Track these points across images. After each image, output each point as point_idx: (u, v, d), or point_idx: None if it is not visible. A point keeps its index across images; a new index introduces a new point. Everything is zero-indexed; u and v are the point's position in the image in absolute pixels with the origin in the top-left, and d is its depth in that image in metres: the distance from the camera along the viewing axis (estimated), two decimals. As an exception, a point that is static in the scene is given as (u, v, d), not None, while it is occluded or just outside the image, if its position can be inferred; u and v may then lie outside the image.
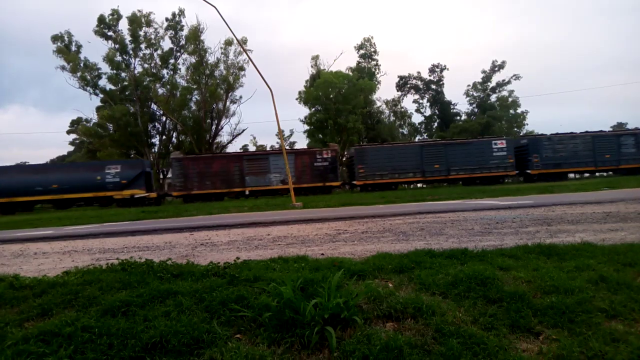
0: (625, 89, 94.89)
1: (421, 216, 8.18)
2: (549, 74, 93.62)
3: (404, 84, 52.13)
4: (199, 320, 2.60)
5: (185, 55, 40.00)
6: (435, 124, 52.24)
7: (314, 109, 40.04)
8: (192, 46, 38.47)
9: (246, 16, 76.53)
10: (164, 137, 41.90)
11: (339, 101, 38.06)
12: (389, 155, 28.91)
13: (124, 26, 37.99)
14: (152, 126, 41.06)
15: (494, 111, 47.87)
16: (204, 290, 3.07)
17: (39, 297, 3.15)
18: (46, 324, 2.62)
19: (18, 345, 2.35)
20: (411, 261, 3.68)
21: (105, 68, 38.12)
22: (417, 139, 48.14)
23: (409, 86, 52.23)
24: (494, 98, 50.17)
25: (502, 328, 2.49)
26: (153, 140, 41.43)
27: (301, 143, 61.78)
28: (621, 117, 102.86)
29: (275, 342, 2.42)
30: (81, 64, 37.02)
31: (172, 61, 39.84)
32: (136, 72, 38.96)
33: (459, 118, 51.33)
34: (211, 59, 39.34)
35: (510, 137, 33.83)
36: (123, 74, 38.87)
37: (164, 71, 39.93)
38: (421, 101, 52.71)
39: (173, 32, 39.61)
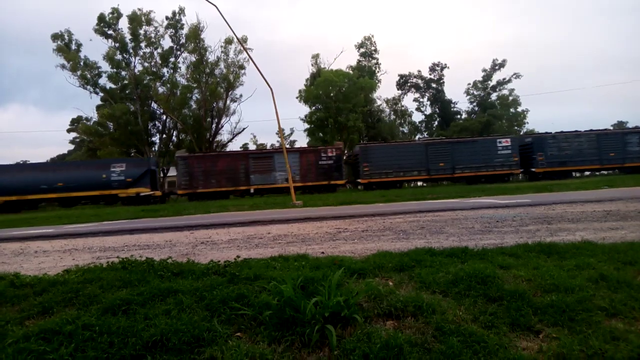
0: (624, 87, 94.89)
1: (421, 215, 8.17)
2: (549, 73, 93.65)
3: (404, 82, 52.09)
4: (199, 319, 2.60)
5: (185, 54, 40.00)
6: (436, 123, 52.20)
7: (314, 107, 40.00)
8: (193, 45, 38.42)
9: (246, 14, 76.61)
10: (164, 135, 41.88)
11: (339, 100, 38.03)
12: (393, 153, 28.87)
13: (124, 25, 37.97)
14: (153, 125, 41.02)
15: (495, 110, 47.84)
16: (204, 288, 3.07)
17: (39, 295, 3.15)
18: (47, 322, 2.63)
19: (19, 343, 2.35)
20: (411, 260, 3.69)
21: (106, 67, 38.11)
22: (417, 138, 48.13)
23: (409, 85, 52.20)
24: (494, 97, 50.15)
25: (502, 326, 2.49)
26: (153, 139, 41.42)
27: (301, 142, 61.78)
28: (621, 115, 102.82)
29: (276, 341, 2.42)
30: (81, 63, 36.96)
31: (172, 60, 39.78)
32: (136, 70, 38.92)
33: (459, 117, 51.30)
34: (211, 57, 39.34)
35: (515, 136, 33.79)
36: (123, 73, 38.82)
37: (164, 70, 39.90)
38: (421, 100, 52.73)
39: (173, 31, 39.55)
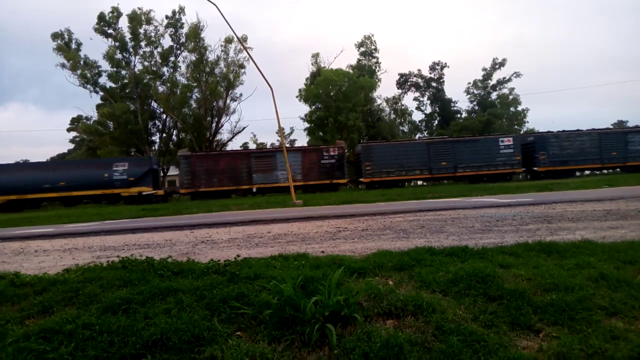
0: (624, 87, 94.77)
1: (421, 214, 8.18)
2: (549, 72, 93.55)
3: (404, 81, 52.01)
4: (199, 318, 2.60)
5: (185, 53, 39.99)
6: (436, 122, 52.14)
7: (314, 106, 39.95)
8: (193, 44, 38.41)
9: (246, 13, 76.55)
10: (164, 134, 41.86)
11: (339, 99, 37.99)
12: (396, 152, 28.88)
13: (124, 24, 37.96)
14: (153, 124, 41.01)
15: (495, 109, 47.77)
16: (204, 287, 3.08)
17: (39, 294, 3.15)
18: (47, 321, 2.63)
19: (19, 342, 2.35)
20: (411, 259, 3.69)
21: (106, 66, 38.10)
22: (417, 137, 48.11)
23: (409, 84, 52.10)
24: (494, 96, 50.07)
25: (502, 325, 2.49)
26: (153, 138, 41.41)
27: (301, 141, 61.71)
28: (621, 115, 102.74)
29: (276, 340, 2.42)
30: (81, 62, 36.94)
31: (172, 59, 39.76)
32: (136, 69, 38.91)
33: (459, 116, 51.24)
34: (211, 56, 39.32)
35: (517, 135, 33.78)
36: (123, 72, 38.81)
37: (164, 69, 39.88)
38: (421, 99, 52.62)
39: (173, 30, 39.53)
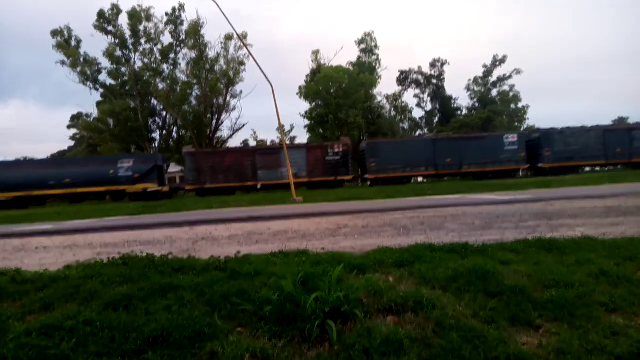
0: (625, 83, 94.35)
1: (422, 211, 8.17)
2: (549, 68, 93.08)
3: (404, 78, 51.87)
4: (200, 314, 2.61)
5: (185, 50, 39.84)
6: (436, 119, 52.07)
7: (314, 103, 39.87)
8: (192, 41, 38.30)
9: (246, 9, 76.14)
10: (164, 132, 41.83)
11: (339, 96, 37.90)
12: (401, 149, 28.85)
13: (123, 21, 37.83)
14: (153, 121, 40.97)
15: (495, 106, 47.66)
16: (205, 284, 3.08)
17: (40, 291, 3.16)
18: (48, 317, 2.64)
19: (20, 338, 2.36)
20: (412, 255, 3.69)
21: (105, 63, 37.98)
22: (417, 134, 48.05)
23: (409, 81, 51.96)
24: (494, 93, 49.95)
25: (502, 322, 2.50)
26: (153, 135, 41.39)
27: (302, 138, 61.62)
28: (622, 111, 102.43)
29: (277, 336, 2.43)
30: (81, 59, 36.86)
31: (172, 56, 39.65)
32: (136, 67, 38.82)
33: (459, 113, 51.14)
34: (211, 53, 39.19)
35: (522, 132, 33.77)
36: (123, 69, 38.73)
37: (164, 66, 39.75)
38: (422, 96, 52.47)
39: (173, 27, 39.41)
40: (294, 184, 16.29)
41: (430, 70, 51.57)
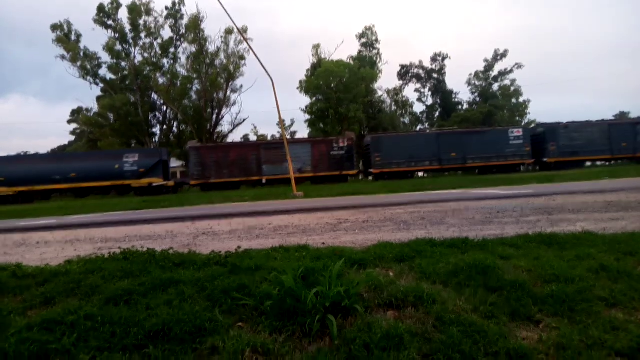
0: (626, 78, 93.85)
1: (422, 205, 8.18)
2: (550, 63, 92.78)
3: (405, 73, 51.69)
4: (201, 309, 2.62)
5: (185, 44, 39.77)
6: (437, 114, 51.93)
7: (315, 98, 39.78)
8: (192, 35, 38.18)
9: (247, 4, 75.69)
10: (164, 126, 41.82)
11: (340, 90, 37.79)
12: (405, 143, 28.86)
13: (123, 15, 37.71)
14: (153, 116, 40.95)
15: (496, 100, 47.53)
16: (205, 279, 3.09)
17: (41, 285, 3.17)
18: (49, 312, 2.65)
19: (22, 333, 2.37)
20: (412, 250, 3.69)
21: (105, 57, 37.95)
22: (418, 129, 47.95)
23: (410, 75, 51.79)
24: (495, 87, 49.80)
25: (502, 316, 2.50)
26: (154, 130, 41.37)
27: (302, 133, 61.59)
28: (623, 106, 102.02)
29: (277, 331, 2.43)
30: (81, 53, 36.80)
31: (172, 50, 39.56)
32: (136, 61, 38.73)
33: (460, 107, 51.01)
34: (211, 47, 39.11)
35: (527, 126, 33.70)
36: (123, 63, 38.66)
37: (164, 60, 39.70)
38: (423, 90, 52.33)
39: (173, 21, 39.27)
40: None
41: (431, 65, 51.42)
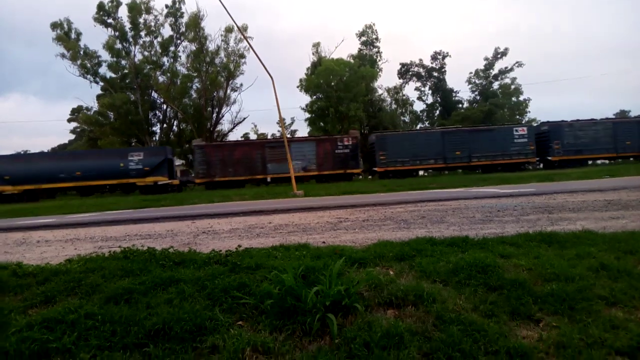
0: (626, 76, 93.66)
1: (422, 204, 8.18)
2: (550, 61, 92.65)
3: (405, 71, 51.63)
4: (201, 308, 2.62)
5: (185, 43, 39.77)
6: (437, 112, 51.90)
7: (315, 96, 39.76)
8: (193, 33, 38.16)
9: (247, 2, 75.62)
10: (164, 125, 41.80)
11: (340, 89, 37.77)
12: (410, 142, 28.83)
13: (123, 13, 37.69)
14: (153, 114, 40.96)
15: (496, 99, 47.49)
16: (206, 277, 3.09)
17: (42, 284, 3.17)
18: (50, 311, 2.65)
19: (22, 332, 2.37)
20: (412, 249, 3.69)
21: (105, 56, 37.92)
22: (418, 127, 47.93)
23: (410, 74, 51.74)
24: (496, 85, 49.75)
25: (502, 315, 2.50)
26: (154, 129, 41.36)
27: (302, 131, 61.55)
28: (623, 104, 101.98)
29: (277, 329, 2.43)
30: (81, 52, 36.76)
31: (172, 49, 39.54)
32: (136, 59, 38.71)
33: (460, 106, 50.96)
34: (211, 46, 39.10)
35: (531, 124, 33.70)
36: (123, 62, 38.64)
37: (164, 59, 39.69)
38: (423, 89, 52.30)
39: (173, 20, 39.25)
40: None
41: (432, 63, 51.39)
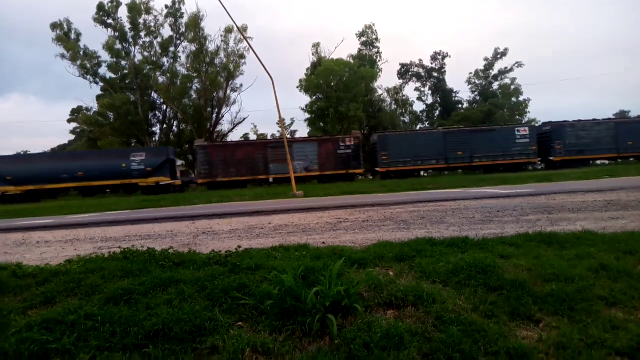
0: (626, 76, 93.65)
1: (422, 205, 8.18)
2: (550, 61, 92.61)
3: (405, 71, 51.62)
4: (201, 309, 2.62)
5: (185, 43, 39.79)
6: (437, 112, 51.90)
7: (315, 97, 39.75)
8: (192, 34, 38.18)
9: (246, 1, 75.63)
10: (164, 125, 41.81)
11: (340, 89, 37.77)
12: (412, 142, 28.85)
13: (123, 14, 37.70)
14: (153, 115, 40.96)
15: (496, 99, 47.49)
16: (205, 278, 3.09)
17: (42, 285, 3.16)
18: (49, 312, 2.65)
19: (22, 333, 2.37)
20: (412, 250, 3.69)
21: (105, 56, 37.94)
22: (418, 127, 47.93)
23: (410, 74, 51.72)
24: (496, 86, 49.76)
25: (502, 316, 2.50)
26: (154, 129, 41.37)
27: (302, 132, 61.59)
28: (623, 104, 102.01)
29: (277, 330, 2.43)
30: (81, 52, 36.78)
31: (172, 49, 39.55)
32: (136, 60, 38.72)
33: (460, 106, 50.96)
34: (211, 46, 39.12)
35: (533, 125, 33.73)
36: (123, 62, 38.65)
37: (164, 59, 39.70)
38: (423, 89, 52.28)
39: (173, 20, 39.27)
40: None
41: (431, 64, 51.36)
